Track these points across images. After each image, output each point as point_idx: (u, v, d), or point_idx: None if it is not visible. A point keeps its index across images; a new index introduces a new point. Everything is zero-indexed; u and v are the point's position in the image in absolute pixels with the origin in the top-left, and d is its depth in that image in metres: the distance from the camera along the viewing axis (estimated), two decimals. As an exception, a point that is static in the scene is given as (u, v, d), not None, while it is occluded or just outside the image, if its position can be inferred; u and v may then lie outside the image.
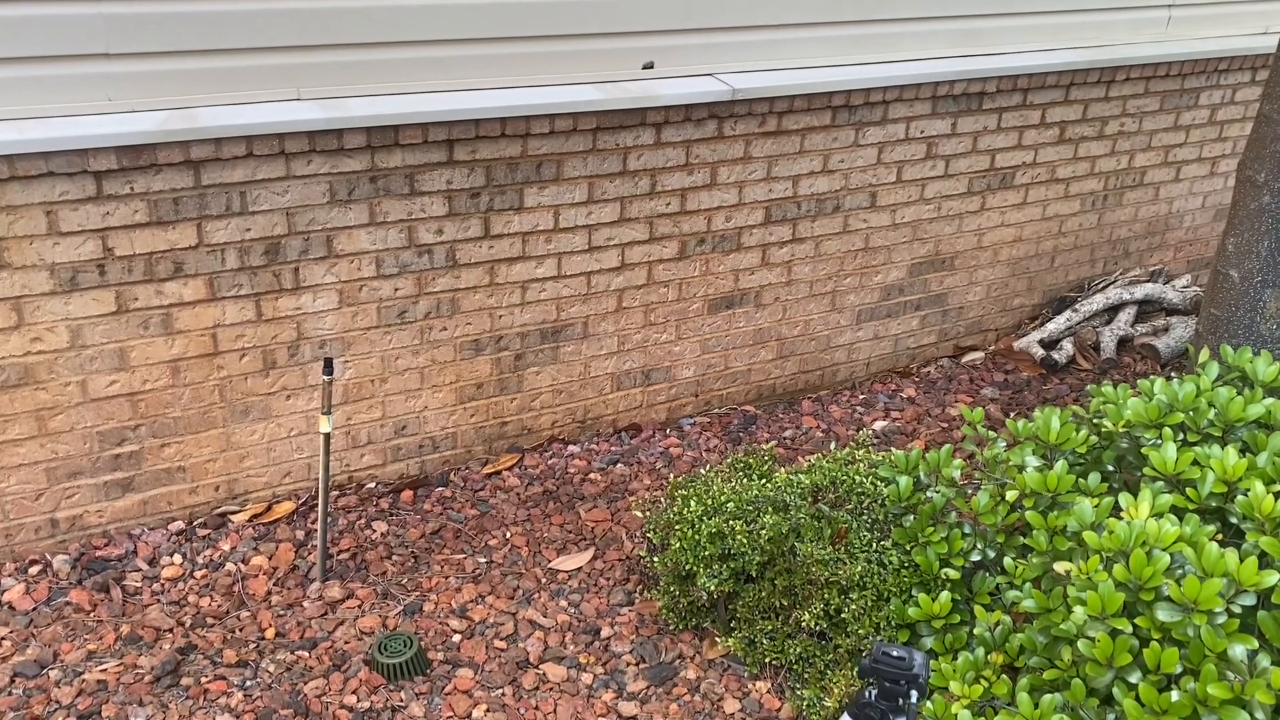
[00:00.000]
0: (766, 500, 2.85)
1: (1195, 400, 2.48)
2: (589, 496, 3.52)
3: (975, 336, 4.64)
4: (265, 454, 3.36)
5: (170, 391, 3.14)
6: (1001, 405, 4.19)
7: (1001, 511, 2.61)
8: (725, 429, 3.98)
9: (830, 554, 2.72)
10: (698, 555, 2.79)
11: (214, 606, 2.98)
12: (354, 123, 3.05)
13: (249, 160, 2.98)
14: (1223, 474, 2.26)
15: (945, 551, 2.64)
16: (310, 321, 3.25)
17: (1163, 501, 2.21)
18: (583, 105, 3.33)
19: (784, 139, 3.75)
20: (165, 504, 3.27)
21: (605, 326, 3.75)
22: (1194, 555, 2.01)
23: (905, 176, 4.08)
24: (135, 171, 2.87)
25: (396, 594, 3.06)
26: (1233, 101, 4.73)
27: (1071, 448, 2.52)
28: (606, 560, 3.22)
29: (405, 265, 3.32)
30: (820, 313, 4.17)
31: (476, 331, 3.52)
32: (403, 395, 3.50)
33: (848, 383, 4.39)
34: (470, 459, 3.71)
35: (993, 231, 4.42)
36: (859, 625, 2.66)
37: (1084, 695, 2.10)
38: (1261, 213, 3.07)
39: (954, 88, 3.97)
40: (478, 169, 3.30)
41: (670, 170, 3.60)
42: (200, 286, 3.06)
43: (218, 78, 2.97)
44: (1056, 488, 2.43)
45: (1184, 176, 4.82)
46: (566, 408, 3.82)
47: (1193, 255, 5.10)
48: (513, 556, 3.23)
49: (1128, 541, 2.08)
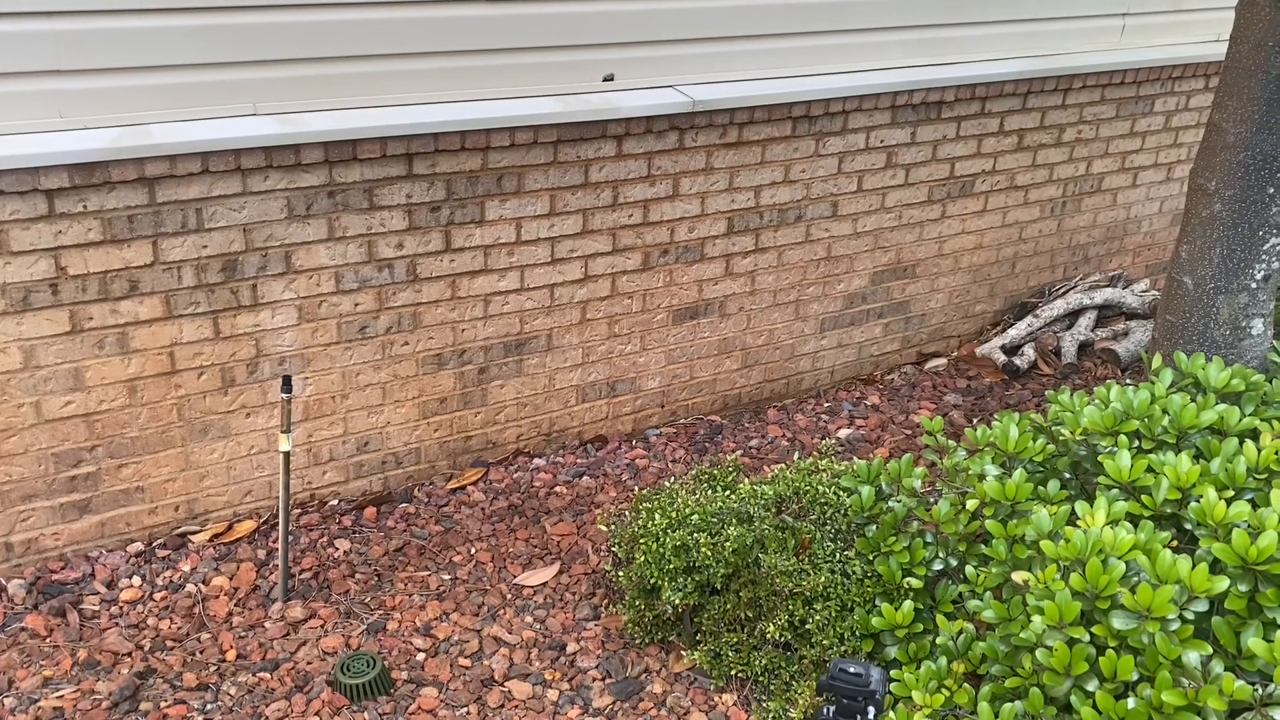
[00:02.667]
0: (731, 512, 2.85)
1: (1149, 408, 2.50)
2: (554, 510, 3.51)
3: (938, 343, 4.67)
4: (225, 473, 3.32)
5: (127, 411, 3.10)
6: (965, 411, 4.23)
7: (962, 520, 2.62)
8: (691, 439, 3.99)
9: (794, 565, 2.73)
10: (662, 569, 2.79)
11: (174, 629, 2.94)
12: (311, 138, 3.03)
13: (204, 177, 2.95)
14: (1176, 481, 2.29)
15: (907, 561, 2.66)
16: (269, 338, 3.22)
17: (1118, 509, 2.24)
18: (543, 118, 3.33)
19: (745, 150, 3.76)
20: (124, 525, 3.23)
21: (569, 338, 3.75)
22: (1148, 563, 2.03)
23: (866, 186, 4.10)
24: (88, 189, 2.84)
25: (360, 613, 3.03)
26: (1187, 108, 4.80)
27: (1029, 457, 2.54)
28: (572, 575, 3.21)
29: (365, 280, 3.30)
30: (784, 322, 4.19)
31: (439, 346, 3.51)
32: (365, 411, 3.47)
33: (812, 391, 4.41)
34: (435, 474, 3.69)
35: (954, 239, 4.45)
36: (823, 636, 2.67)
37: (1043, 704, 2.12)
38: (1213, 220, 3.11)
39: (913, 97, 4.00)
40: (438, 183, 3.28)
41: (632, 182, 3.60)
42: (156, 305, 3.03)
43: (172, 94, 2.94)
44: (1015, 496, 2.45)
45: (1141, 182, 4.88)
46: (531, 420, 3.81)
47: (1151, 260, 5.16)
48: (477, 573, 3.21)
49: (1084, 550, 2.10)
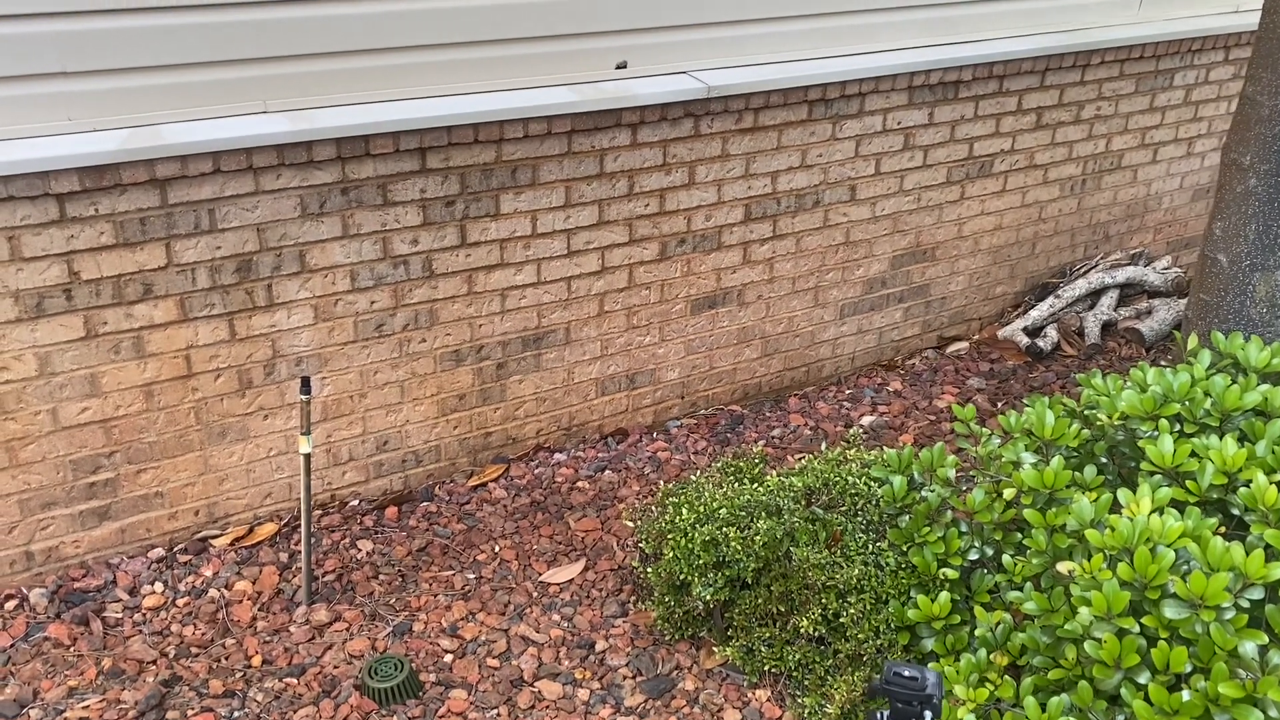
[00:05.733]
0: (759, 505, 2.80)
1: (1190, 390, 2.44)
2: (577, 505, 3.46)
3: (959, 326, 4.61)
4: (245, 475, 3.28)
5: (144, 416, 3.06)
6: (988, 395, 4.17)
7: (998, 509, 2.57)
8: (713, 430, 3.94)
9: (826, 558, 2.68)
10: (692, 564, 2.74)
11: (198, 635, 2.90)
12: (323, 134, 2.98)
13: (216, 176, 2.90)
14: (1222, 465, 2.23)
15: (942, 551, 2.61)
16: (285, 339, 3.18)
17: (1163, 495, 2.18)
18: (556, 108, 3.27)
19: (761, 135, 3.70)
20: (144, 531, 3.19)
21: (588, 331, 3.69)
22: (1198, 550, 1.98)
23: (884, 168, 4.04)
24: (99, 193, 2.79)
25: (385, 615, 2.99)
26: (1207, 81, 4.72)
27: (1065, 444, 2.49)
28: (598, 571, 3.17)
29: (381, 277, 3.25)
30: (803, 309, 4.13)
31: (456, 342, 3.46)
32: (383, 410, 3.43)
33: (833, 378, 4.35)
34: (455, 471, 3.64)
35: (973, 220, 4.39)
36: (858, 629, 2.62)
37: (1091, 697, 2.06)
38: (1248, 196, 3.05)
39: (930, 77, 3.93)
40: (452, 176, 3.23)
41: (648, 171, 3.54)
42: (171, 308, 2.98)
43: (180, 93, 2.89)
44: (1054, 484, 2.39)
45: (1161, 158, 4.80)
46: (551, 415, 3.76)
47: (1172, 236, 5.09)
48: (502, 571, 3.17)
49: (1131, 539, 2.04)
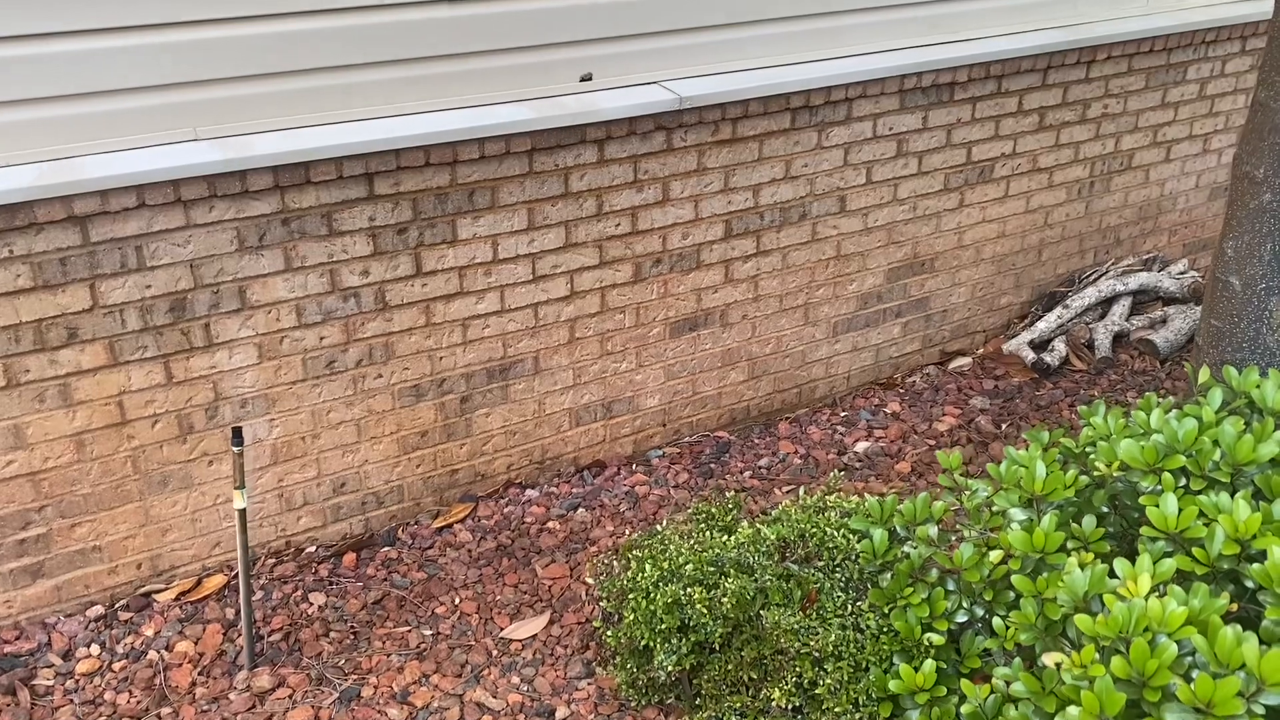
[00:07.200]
0: (729, 560, 2.57)
1: (1198, 440, 2.19)
2: (546, 550, 3.25)
3: (962, 340, 4.36)
4: (190, 525, 3.09)
5: (76, 467, 2.87)
6: (992, 416, 3.92)
7: (987, 565, 2.33)
8: (696, 460, 3.71)
9: (801, 621, 2.45)
10: (654, 628, 2.52)
11: (132, 704, 2.71)
12: (258, 162, 2.77)
13: (142, 211, 2.70)
14: (1233, 532, 1.98)
15: (927, 615, 2.37)
16: (228, 380, 2.98)
17: (1165, 569, 1.94)
18: (514, 126, 3.05)
19: (740, 147, 3.46)
20: (82, 588, 3.00)
21: (558, 360, 3.47)
22: (1205, 644, 1.74)
23: (876, 177, 3.78)
24: (12, 233, 2.59)
25: (332, 678, 2.79)
26: (1223, 74, 4.43)
27: (1059, 499, 2.25)
28: (564, 625, 2.95)
29: (330, 312, 3.04)
30: (793, 327, 3.89)
31: (416, 376, 3.25)
32: (339, 450, 3.22)
33: (827, 399, 4.11)
34: (420, 511, 3.44)
35: (974, 229, 4.13)
36: (836, 701, 2.40)
37: (1086, 799, 1.83)
38: (1262, 212, 2.77)
39: (922, 79, 3.67)
40: (403, 202, 3.01)
41: (617, 189, 3.31)
42: (100, 352, 2.79)
43: (102, 122, 2.69)
44: (1044, 547, 2.16)
45: (1175, 156, 4.52)
46: (522, 449, 3.55)
47: (1189, 238, 4.80)
48: (461, 626, 2.96)
49: (1127, 626, 1.80)
